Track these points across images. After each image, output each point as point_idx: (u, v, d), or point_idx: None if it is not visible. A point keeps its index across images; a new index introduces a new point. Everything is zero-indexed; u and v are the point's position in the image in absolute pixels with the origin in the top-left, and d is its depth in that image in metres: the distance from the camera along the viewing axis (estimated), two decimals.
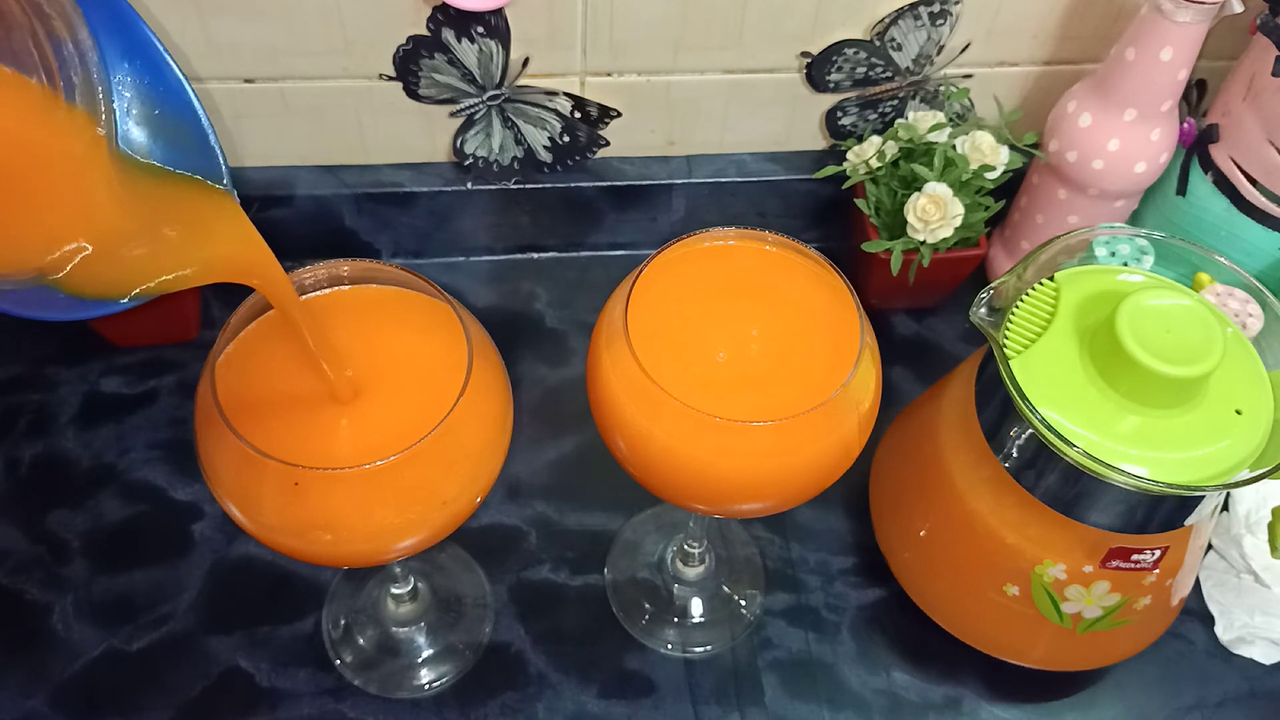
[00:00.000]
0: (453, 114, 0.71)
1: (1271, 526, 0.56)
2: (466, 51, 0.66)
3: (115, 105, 0.41)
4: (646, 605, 0.63)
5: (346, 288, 0.48)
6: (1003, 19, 0.69)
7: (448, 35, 0.65)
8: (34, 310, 0.38)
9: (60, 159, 0.38)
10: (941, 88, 0.72)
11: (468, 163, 0.73)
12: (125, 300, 0.40)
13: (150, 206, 0.41)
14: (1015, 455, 0.52)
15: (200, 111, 0.43)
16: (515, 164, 0.73)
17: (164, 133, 0.43)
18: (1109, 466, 0.47)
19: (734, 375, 0.47)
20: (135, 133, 0.42)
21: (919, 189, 0.67)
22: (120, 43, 0.41)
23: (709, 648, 0.62)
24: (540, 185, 0.74)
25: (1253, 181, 0.66)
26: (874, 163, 0.70)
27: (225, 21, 0.63)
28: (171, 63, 0.43)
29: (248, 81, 0.67)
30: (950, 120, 0.70)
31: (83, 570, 0.62)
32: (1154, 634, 0.58)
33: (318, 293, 0.48)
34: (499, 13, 0.64)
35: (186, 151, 0.43)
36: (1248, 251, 0.68)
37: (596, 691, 0.60)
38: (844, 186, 0.71)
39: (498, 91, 0.69)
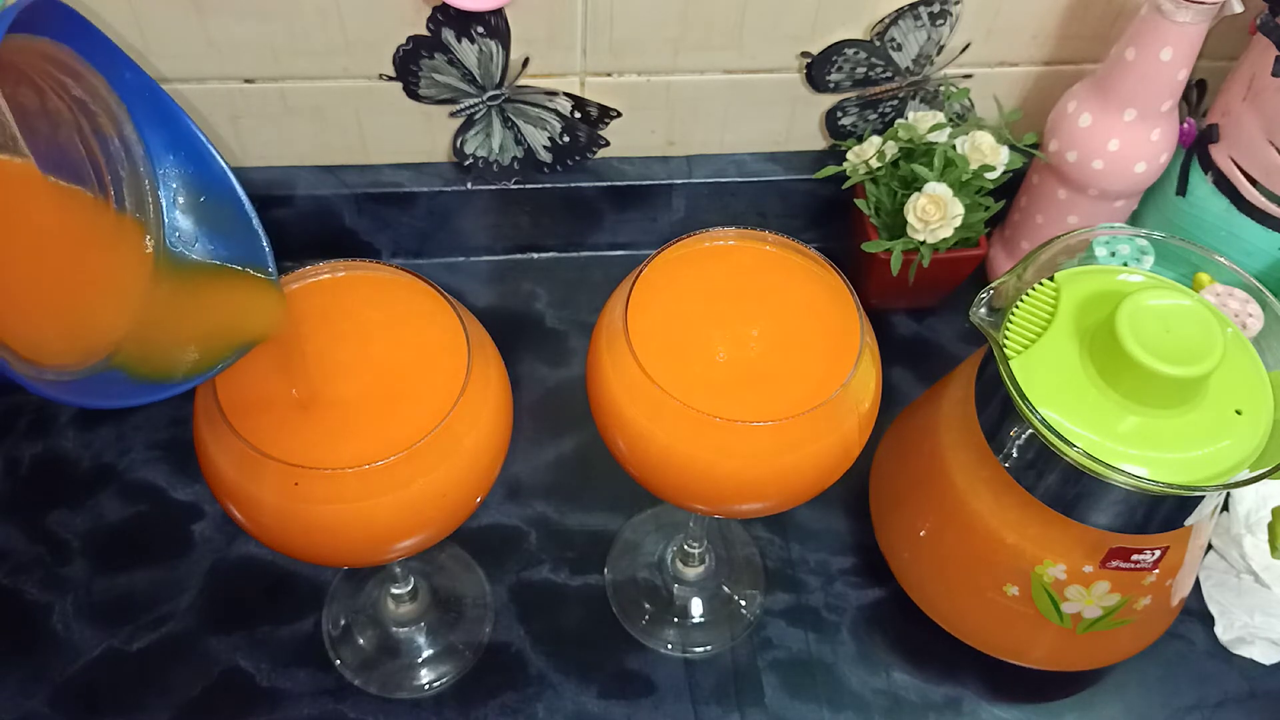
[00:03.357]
0: (453, 114, 0.71)
1: (1271, 526, 0.56)
2: (466, 51, 0.66)
3: (163, 197, 0.44)
4: (646, 605, 0.63)
5: (342, 274, 0.49)
6: (1003, 19, 0.69)
7: (448, 35, 0.65)
8: (98, 400, 0.40)
9: (112, 263, 0.41)
10: (941, 88, 0.72)
11: (468, 163, 0.73)
12: (181, 384, 0.42)
13: (198, 298, 0.44)
14: (1015, 455, 0.52)
15: (244, 198, 0.46)
16: (515, 164, 0.73)
17: (208, 219, 0.45)
18: (1109, 466, 0.47)
19: (734, 375, 0.47)
20: (181, 221, 0.45)
21: (919, 189, 0.67)
22: (164, 136, 0.44)
23: (709, 648, 0.62)
24: (540, 185, 0.74)
25: (1253, 181, 0.66)
26: (874, 163, 0.70)
27: (225, 21, 0.63)
28: (215, 153, 0.45)
29: (248, 81, 0.67)
30: (950, 120, 0.70)
31: (83, 570, 0.62)
32: (1154, 634, 0.58)
33: (317, 278, 0.48)
34: (499, 13, 0.64)
35: (230, 236, 0.46)
36: (1248, 251, 0.68)
37: (596, 691, 0.60)
38: (844, 186, 0.71)
39: (498, 91, 0.69)
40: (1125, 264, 0.59)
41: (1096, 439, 0.48)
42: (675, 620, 0.63)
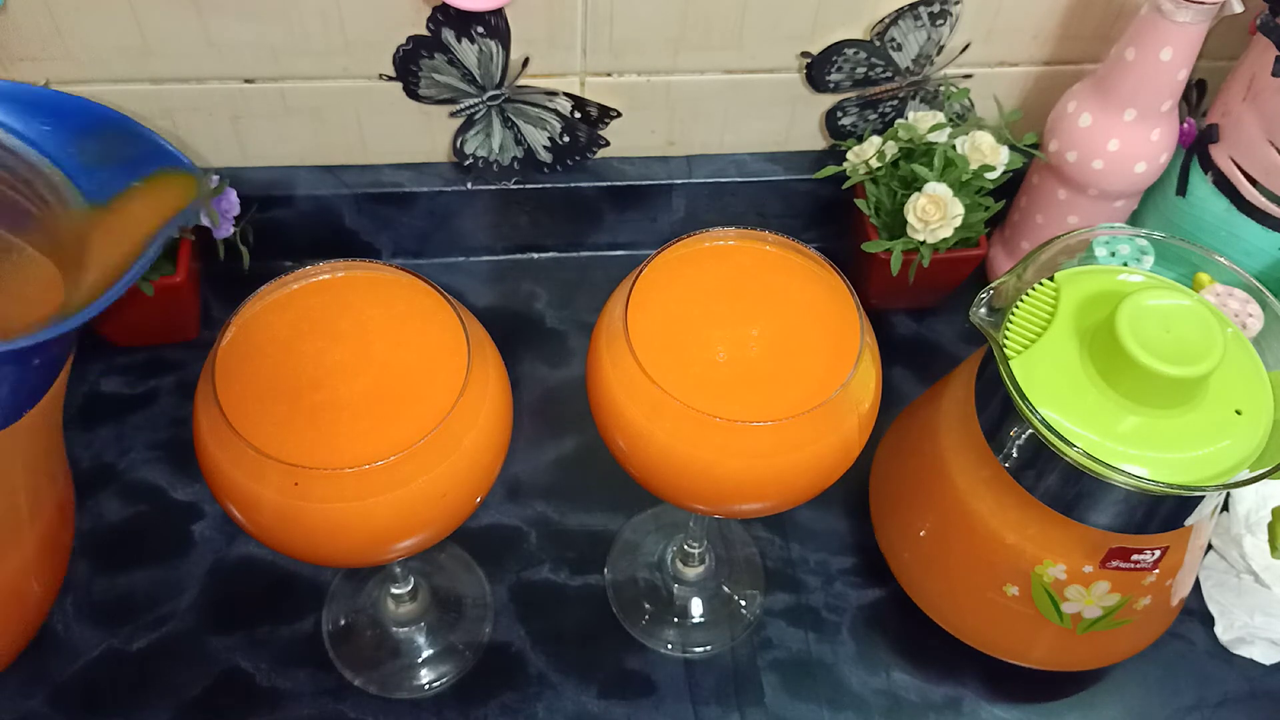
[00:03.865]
0: (453, 114, 0.71)
1: (1271, 526, 0.56)
2: (466, 51, 0.66)
3: (64, 167, 0.45)
4: (646, 605, 0.63)
5: (342, 274, 0.49)
6: (1003, 19, 0.69)
7: (448, 35, 0.65)
8: (57, 330, 0.40)
9: (52, 258, 0.43)
10: (941, 88, 0.72)
11: (468, 163, 0.73)
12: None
13: (128, 223, 0.44)
14: (1015, 455, 0.52)
15: (112, 113, 0.47)
16: (515, 164, 0.73)
17: (112, 155, 0.46)
18: (1109, 466, 0.47)
19: (734, 375, 0.47)
20: (91, 177, 0.45)
21: (919, 189, 0.67)
22: (16, 109, 0.45)
23: (709, 648, 0.62)
24: (540, 185, 0.74)
25: (1253, 181, 0.66)
26: (874, 163, 0.70)
27: (225, 21, 0.63)
28: (68, 95, 0.45)
29: (248, 81, 0.67)
30: (950, 120, 0.70)
31: (83, 570, 0.62)
32: (1154, 634, 0.58)
33: (317, 278, 0.48)
34: (499, 13, 0.64)
35: (134, 158, 0.46)
36: (1248, 251, 0.68)
37: (596, 691, 0.60)
38: (844, 186, 0.71)
39: (498, 91, 0.69)
40: (1125, 264, 0.59)
41: (1096, 439, 0.48)
42: (675, 620, 0.63)
